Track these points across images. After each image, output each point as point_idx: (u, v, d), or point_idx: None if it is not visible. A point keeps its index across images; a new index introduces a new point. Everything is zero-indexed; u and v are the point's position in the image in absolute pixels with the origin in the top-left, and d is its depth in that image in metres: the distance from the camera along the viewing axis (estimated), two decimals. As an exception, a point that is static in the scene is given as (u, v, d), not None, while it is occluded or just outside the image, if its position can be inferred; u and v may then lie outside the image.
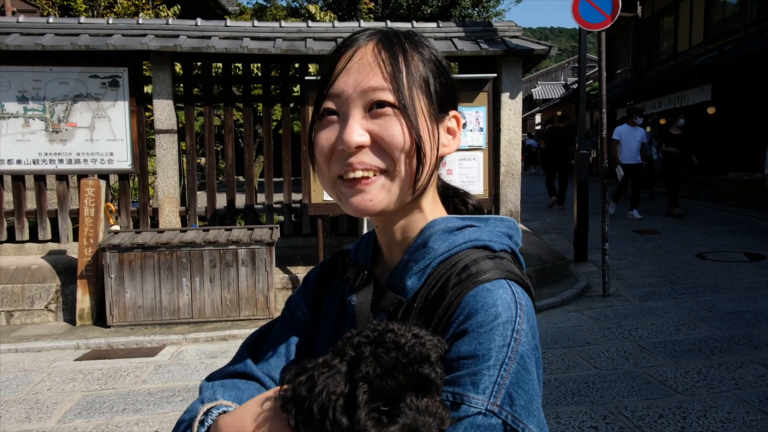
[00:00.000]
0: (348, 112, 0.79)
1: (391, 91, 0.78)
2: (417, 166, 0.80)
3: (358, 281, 0.89)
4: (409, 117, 0.78)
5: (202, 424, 0.81)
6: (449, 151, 0.87)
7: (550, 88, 40.35)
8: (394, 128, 0.78)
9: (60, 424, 3.67)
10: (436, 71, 0.84)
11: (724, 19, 14.29)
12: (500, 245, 0.85)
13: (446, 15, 16.08)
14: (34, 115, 6.23)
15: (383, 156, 0.79)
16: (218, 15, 12.94)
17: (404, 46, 0.81)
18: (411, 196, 0.82)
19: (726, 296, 5.87)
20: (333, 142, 0.80)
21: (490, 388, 0.68)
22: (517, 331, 0.72)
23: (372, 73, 0.78)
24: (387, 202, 0.81)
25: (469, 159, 6.09)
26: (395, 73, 0.79)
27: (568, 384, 3.98)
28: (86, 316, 5.74)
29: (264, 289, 5.68)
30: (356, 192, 0.80)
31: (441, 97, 0.84)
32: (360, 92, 0.78)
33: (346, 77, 0.79)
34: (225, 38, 6.45)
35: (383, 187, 0.80)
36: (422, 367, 0.65)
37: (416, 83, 0.80)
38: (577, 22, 6.36)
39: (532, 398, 0.70)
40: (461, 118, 0.89)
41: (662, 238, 8.97)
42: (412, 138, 0.79)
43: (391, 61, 0.79)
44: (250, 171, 6.93)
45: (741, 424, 3.32)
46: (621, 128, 10.90)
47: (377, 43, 0.81)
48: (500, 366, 0.69)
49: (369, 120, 0.79)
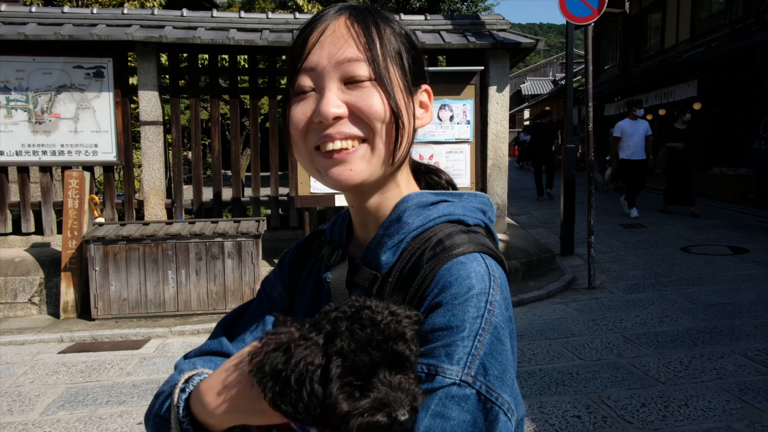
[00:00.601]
0: (324, 85, 0.79)
1: (366, 61, 0.78)
2: (396, 135, 0.80)
3: (333, 258, 0.89)
4: (386, 87, 0.78)
5: (183, 391, 0.81)
6: (422, 124, 0.88)
7: (539, 83, 40.48)
8: (372, 98, 0.78)
9: (43, 417, 3.63)
10: (407, 45, 0.84)
11: (711, 16, 14.41)
12: (474, 220, 0.85)
13: (435, 8, 16.07)
14: (17, 105, 6.15)
15: (361, 125, 0.79)
16: (205, 7, 12.82)
17: (376, 20, 0.82)
18: (390, 167, 0.82)
19: (709, 288, 5.94)
20: (309, 115, 0.79)
21: (464, 359, 0.69)
22: (490, 303, 0.72)
23: (346, 45, 0.78)
24: (368, 173, 0.81)
25: (456, 152, 6.10)
26: (369, 45, 0.78)
27: (553, 374, 4.01)
28: (70, 309, 5.69)
29: (250, 281, 5.66)
30: (336, 163, 0.79)
31: (413, 71, 0.84)
32: (335, 64, 0.78)
33: (320, 50, 0.79)
34: (211, 29, 6.40)
35: (363, 158, 0.80)
36: (396, 344, 0.65)
37: (389, 55, 0.80)
38: (564, 15, 6.38)
39: (505, 368, 0.71)
40: (431, 92, 0.89)
41: (647, 232, 9.05)
42: (390, 107, 0.79)
43: (365, 32, 0.79)
44: (236, 164, 6.89)
45: (721, 413, 3.36)
46: (622, 123, 10.26)
47: (349, 17, 0.80)
48: (474, 337, 0.70)
49: (345, 91, 0.78)
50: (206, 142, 13.37)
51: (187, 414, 0.79)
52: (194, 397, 0.79)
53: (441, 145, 6.04)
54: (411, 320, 0.68)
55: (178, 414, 0.79)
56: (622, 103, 18.86)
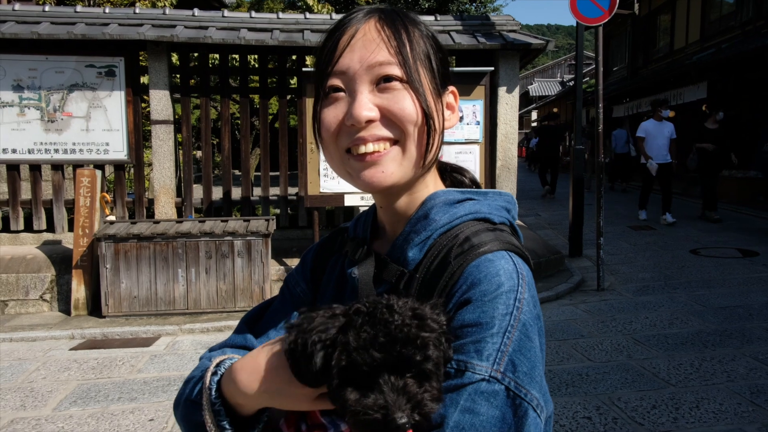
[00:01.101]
0: (355, 88, 0.79)
1: (398, 65, 0.79)
2: (427, 137, 0.81)
3: (359, 254, 0.90)
4: (417, 89, 0.79)
5: (215, 374, 0.82)
6: (450, 125, 0.88)
7: (547, 84, 40.37)
8: (404, 101, 0.79)
9: (55, 412, 3.67)
10: (435, 47, 0.85)
11: (721, 18, 14.32)
12: (500, 218, 0.86)
13: (444, 9, 16.07)
14: (30, 104, 6.20)
15: (393, 128, 0.80)
16: (215, 7, 12.88)
17: (404, 22, 0.82)
18: (421, 169, 0.83)
19: (719, 291, 5.91)
20: (340, 118, 0.80)
21: (494, 355, 0.69)
22: (519, 300, 0.73)
23: (378, 48, 0.79)
24: (399, 175, 0.81)
25: (465, 152, 6.10)
26: (400, 48, 0.79)
27: (563, 375, 4.01)
28: (81, 306, 5.73)
29: (260, 280, 5.68)
30: (368, 165, 0.80)
31: (441, 74, 0.85)
32: (367, 67, 0.79)
33: (351, 54, 0.80)
34: (222, 29, 6.43)
35: (395, 160, 0.81)
36: (405, 347, 0.63)
37: (419, 58, 0.81)
38: (575, 16, 6.37)
39: (534, 365, 0.71)
40: (457, 93, 0.90)
41: (656, 234, 9.02)
42: (422, 109, 0.80)
43: (395, 35, 0.80)
44: (246, 163, 6.91)
45: (733, 415, 3.35)
46: (646, 124, 9.66)
47: (379, 20, 0.81)
48: (503, 334, 0.71)
49: (377, 95, 0.79)
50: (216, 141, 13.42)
51: (218, 396, 0.80)
52: (226, 377, 0.80)
53: (451, 145, 6.04)
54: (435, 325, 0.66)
55: (210, 396, 0.80)
56: (630, 105, 18.82)
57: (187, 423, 0.86)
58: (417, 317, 0.65)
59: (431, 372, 0.65)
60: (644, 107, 17.60)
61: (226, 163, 6.84)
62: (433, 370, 0.65)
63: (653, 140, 9.42)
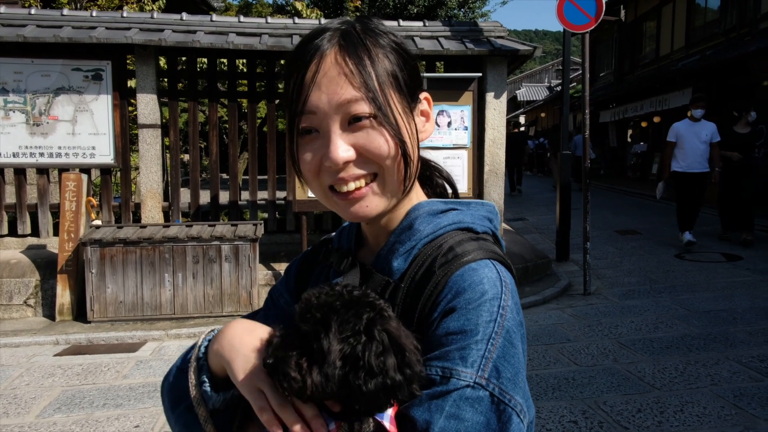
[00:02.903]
0: (328, 128, 0.79)
1: (365, 100, 0.77)
2: (405, 168, 0.82)
3: (343, 265, 0.90)
4: (390, 123, 0.79)
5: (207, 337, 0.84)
6: (427, 136, 0.89)
7: (535, 90, 40.66)
8: (378, 139, 0.79)
9: (39, 419, 3.62)
10: (401, 61, 0.83)
11: (706, 25, 14.53)
12: (482, 227, 0.87)
13: (432, 15, 16.14)
14: (15, 107, 6.14)
15: (371, 165, 0.80)
16: (203, 11, 12.83)
17: (366, 45, 0.79)
18: (402, 193, 0.85)
19: (703, 295, 5.98)
20: (318, 157, 0.80)
21: (478, 361, 0.71)
22: (503, 308, 0.75)
23: (344, 85, 0.77)
24: (384, 205, 0.83)
25: (453, 158, 6.13)
26: (366, 80, 0.77)
27: (549, 380, 4.03)
28: (66, 312, 5.67)
29: (247, 285, 5.66)
30: (352, 202, 0.82)
31: (411, 87, 0.84)
32: (335, 107, 0.77)
33: (318, 93, 0.78)
34: (210, 33, 6.41)
35: (376, 193, 0.82)
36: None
37: (386, 82, 0.80)
38: (562, 23, 6.43)
39: (517, 371, 0.73)
40: (430, 98, 0.90)
41: (642, 239, 9.11)
42: (396, 144, 0.80)
43: (358, 68, 0.77)
44: (234, 167, 6.89)
45: (716, 419, 3.39)
46: (678, 126, 8.01)
47: (340, 50, 0.78)
48: (487, 340, 0.72)
49: (350, 133, 0.79)
50: (204, 145, 13.38)
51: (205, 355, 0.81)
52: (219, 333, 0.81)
53: (439, 150, 6.07)
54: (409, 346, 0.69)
55: (198, 354, 0.81)
56: (617, 110, 19.01)
57: (172, 391, 0.86)
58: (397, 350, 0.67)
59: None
60: (630, 112, 17.81)
61: (214, 167, 6.81)
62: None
63: (687, 145, 7.82)
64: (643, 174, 18.00)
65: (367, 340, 0.66)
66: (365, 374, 0.64)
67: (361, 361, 0.65)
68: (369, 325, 0.67)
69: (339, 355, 0.65)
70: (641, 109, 16.87)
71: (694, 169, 7.81)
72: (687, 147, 7.83)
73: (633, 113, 17.65)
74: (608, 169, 20.99)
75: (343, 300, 0.68)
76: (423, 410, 0.70)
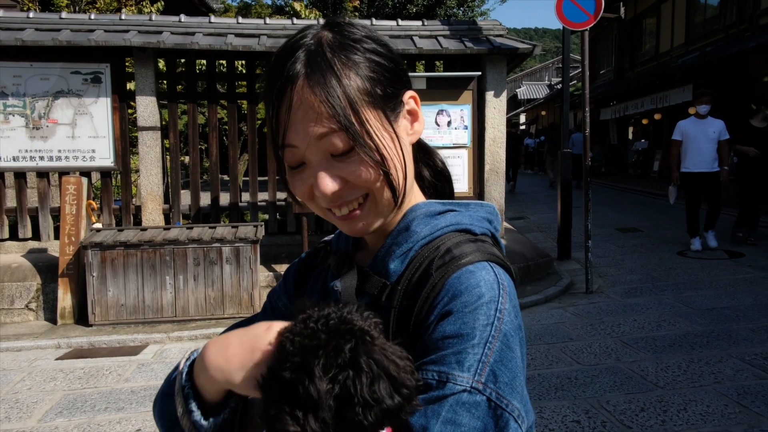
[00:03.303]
0: (311, 160, 0.78)
1: (340, 130, 0.75)
2: (391, 188, 0.81)
3: (341, 267, 0.90)
4: (368, 152, 0.77)
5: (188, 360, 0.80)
6: (417, 136, 0.87)
7: (535, 88, 40.62)
8: (360, 169, 0.77)
9: (40, 424, 3.62)
10: (379, 70, 0.79)
11: (705, 21, 14.51)
12: (481, 229, 0.86)
13: (431, 14, 16.14)
14: (14, 111, 6.14)
15: (360, 189, 0.80)
16: (202, 12, 12.84)
17: (334, 68, 0.76)
18: (396, 206, 0.84)
19: (706, 293, 5.96)
20: (308, 186, 0.81)
21: (475, 366, 0.70)
22: (500, 311, 0.73)
23: (315, 118, 0.75)
24: (380, 219, 0.84)
25: (453, 157, 6.12)
26: (335, 112, 0.74)
27: (551, 379, 4.02)
28: (67, 315, 5.67)
29: (248, 287, 5.65)
30: (349, 222, 0.83)
31: (390, 95, 0.81)
32: (314, 141, 0.76)
33: (294, 129, 0.76)
34: (209, 35, 6.41)
35: (371, 211, 0.82)
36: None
37: (360, 103, 0.76)
38: (561, 21, 6.41)
39: (515, 375, 0.72)
40: (417, 96, 0.87)
41: (644, 236, 9.09)
42: (378, 169, 0.78)
43: (327, 97, 0.74)
44: (234, 169, 6.88)
45: (720, 417, 3.37)
46: (684, 124, 7.65)
47: (307, 79, 0.75)
48: (484, 344, 0.71)
49: (334, 164, 0.78)
50: (204, 147, 13.36)
51: (189, 379, 0.78)
52: (198, 356, 0.78)
53: (439, 150, 6.04)
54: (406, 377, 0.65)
55: (181, 380, 0.78)
56: (617, 108, 18.99)
57: (163, 418, 0.85)
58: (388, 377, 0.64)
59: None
60: (631, 110, 17.78)
61: (214, 169, 6.80)
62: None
63: (693, 143, 7.47)
64: (644, 171, 17.98)
65: (355, 373, 0.62)
66: (362, 408, 0.62)
67: (354, 397, 0.62)
68: (353, 356, 0.63)
69: (330, 397, 0.62)
70: (642, 106, 16.84)
71: (701, 168, 7.46)
72: (694, 146, 7.48)
73: (633, 110, 17.63)
74: (609, 166, 20.97)
75: (319, 338, 0.64)
76: (419, 415, 0.69)
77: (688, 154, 7.54)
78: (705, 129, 7.47)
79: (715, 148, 7.47)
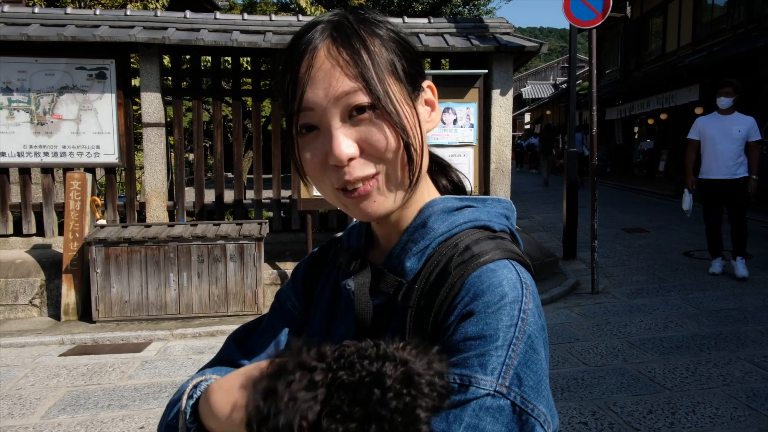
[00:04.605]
0: (328, 124, 0.74)
1: (363, 90, 0.73)
2: (409, 161, 0.77)
3: (354, 265, 0.86)
4: (390, 115, 0.74)
5: (191, 397, 0.78)
6: (434, 125, 0.84)
7: (540, 87, 40.54)
8: (379, 133, 0.74)
9: (43, 420, 3.60)
10: (400, 50, 0.78)
11: (712, 21, 14.41)
12: (500, 225, 0.83)
13: (437, 12, 16.09)
14: (19, 106, 6.13)
15: (374, 159, 0.76)
16: (208, 9, 12.81)
17: (360, 34, 0.75)
18: (409, 186, 0.79)
19: (713, 294, 5.91)
20: (321, 156, 0.76)
21: (499, 369, 0.67)
22: (524, 311, 0.70)
23: (340, 77, 0.73)
24: (391, 202, 0.78)
25: (459, 155, 6.08)
26: (362, 70, 0.73)
27: (558, 380, 3.98)
28: (71, 312, 5.66)
29: (252, 284, 5.63)
30: (360, 200, 0.77)
31: (412, 76, 0.79)
32: (333, 100, 0.73)
33: (314, 88, 0.74)
34: (214, 31, 6.38)
35: (381, 190, 0.77)
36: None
37: (385, 72, 0.75)
38: (569, 19, 6.36)
39: (540, 378, 0.69)
40: (434, 86, 0.85)
41: (650, 237, 9.03)
42: (398, 136, 0.75)
43: (353, 58, 0.73)
44: (239, 166, 6.86)
45: (729, 420, 3.33)
46: (702, 120, 6.41)
47: (333, 42, 0.74)
48: (508, 346, 0.68)
49: (351, 127, 0.74)
50: (208, 144, 13.37)
51: (194, 420, 0.76)
52: (202, 398, 0.76)
53: (445, 148, 6.02)
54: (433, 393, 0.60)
55: (185, 419, 0.76)
56: (623, 107, 18.91)
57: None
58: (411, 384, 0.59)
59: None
60: (637, 110, 17.70)
61: (219, 166, 6.78)
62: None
63: (713, 144, 6.16)
64: (649, 171, 17.89)
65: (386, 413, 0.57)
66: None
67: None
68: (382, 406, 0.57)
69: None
70: (648, 106, 16.76)
71: (722, 175, 6.09)
72: (712, 147, 6.16)
73: (639, 110, 17.54)
74: (615, 166, 20.89)
75: (336, 406, 0.58)
76: (440, 420, 0.65)
77: (706, 157, 6.25)
78: (728, 127, 6.11)
79: (740, 150, 6.07)
